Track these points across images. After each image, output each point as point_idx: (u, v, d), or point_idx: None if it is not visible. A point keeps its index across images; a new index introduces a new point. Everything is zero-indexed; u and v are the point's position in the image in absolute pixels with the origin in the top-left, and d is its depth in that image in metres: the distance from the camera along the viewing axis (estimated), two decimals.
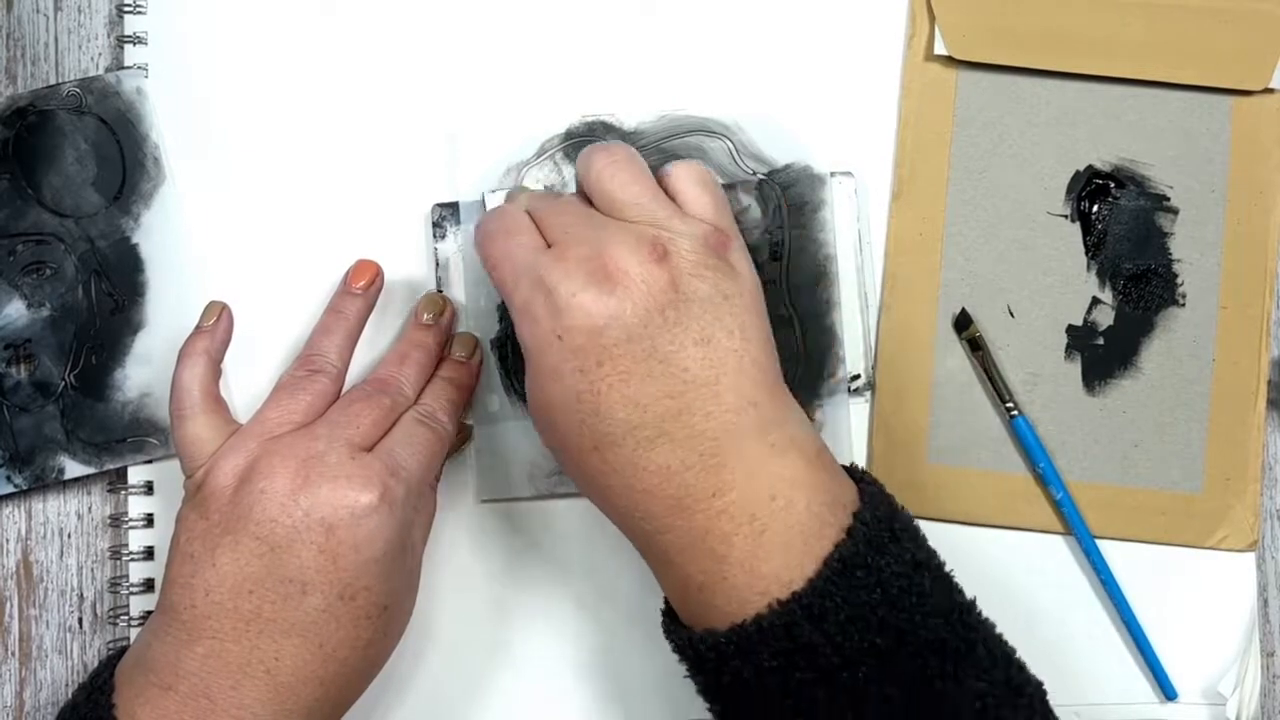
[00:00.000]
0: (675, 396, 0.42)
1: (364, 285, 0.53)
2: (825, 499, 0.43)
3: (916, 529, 0.44)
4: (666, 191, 0.47)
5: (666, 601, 0.46)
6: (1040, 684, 0.43)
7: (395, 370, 0.51)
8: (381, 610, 0.46)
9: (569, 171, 0.55)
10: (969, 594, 0.44)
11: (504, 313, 0.55)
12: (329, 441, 0.47)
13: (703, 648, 0.42)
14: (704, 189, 0.47)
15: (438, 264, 0.55)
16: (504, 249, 0.46)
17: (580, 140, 0.55)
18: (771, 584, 0.41)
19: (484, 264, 0.47)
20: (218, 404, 0.50)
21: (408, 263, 0.55)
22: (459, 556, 0.55)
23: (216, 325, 0.51)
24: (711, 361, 0.43)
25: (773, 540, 0.41)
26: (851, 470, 0.46)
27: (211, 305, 0.52)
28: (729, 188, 0.55)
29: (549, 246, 0.45)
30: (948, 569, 0.44)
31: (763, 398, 0.43)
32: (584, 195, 0.48)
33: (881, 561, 0.41)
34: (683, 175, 0.47)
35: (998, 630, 0.43)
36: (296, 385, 0.49)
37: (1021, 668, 0.43)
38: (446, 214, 0.55)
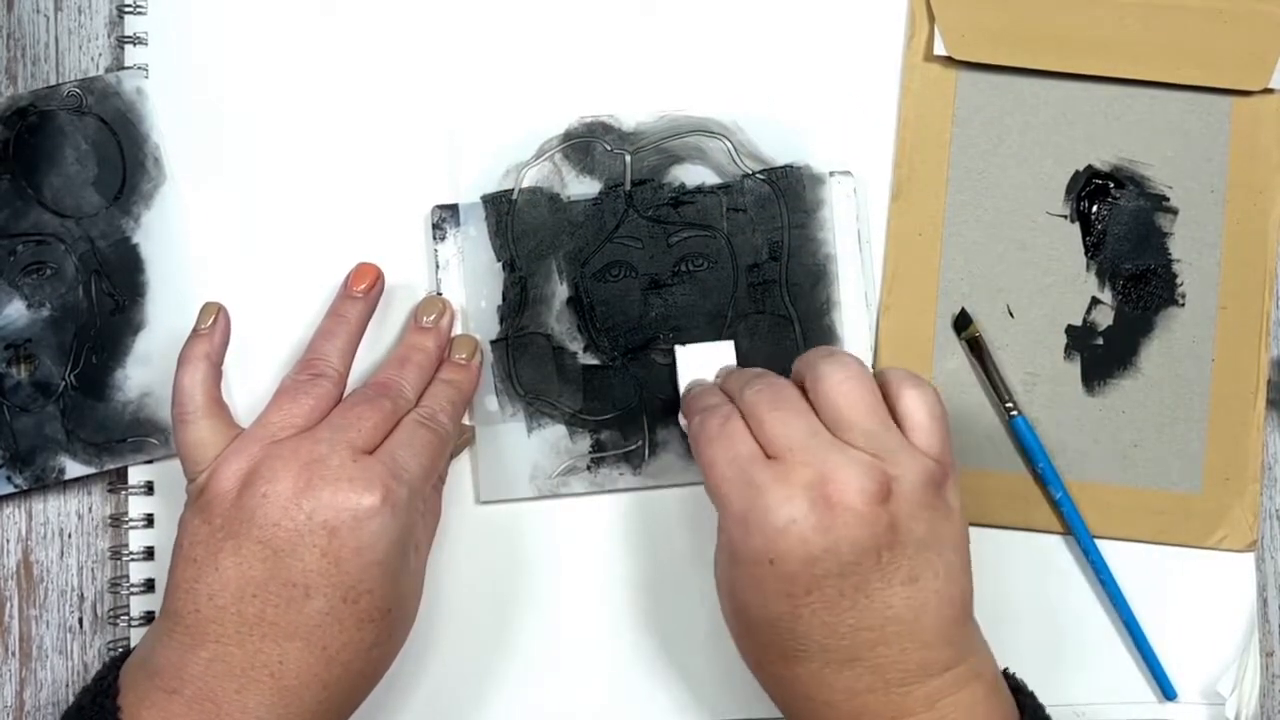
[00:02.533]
0: (874, 630, 0.43)
1: (365, 289, 0.53)
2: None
3: None
4: (889, 402, 0.46)
5: None
6: None
7: (396, 373, 0.51)
8: (385, 613, 0.46)
9: (568, 172, 0.55)
10: None
11: (504, 314, 0.55)
12: (331, 445, 0.47)
13: None
14: (935, 420, 0.46)
15: (438, 265, 0.55)
16: (722, 455, 0.45)
17: (579, 141, 0.55)
18: None
19: (699, 462, 0.46)
20: (220, 408, 0.50)
21: (408, 264, 0.55)
22: (460, 558, 0.55)
23: (214, 327, 0.51)
24: (915, 602, 0.43)
25: None
26: (1008, 677, 0.47)
27: (208, 306, 0.51)
28: (725, 188, 0.55)
29: (769, 456, 0.44)
30: None
31: (956, 634, 0.44)
32: (800, 387, 0.47)
33: None
34: (915, 402, 0.46)
35: None
36: (298, 389, 0.49)
37: None
38: (446, 215, 0.55)
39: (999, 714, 0.44)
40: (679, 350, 0.54)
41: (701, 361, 0.54)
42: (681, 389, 0.53)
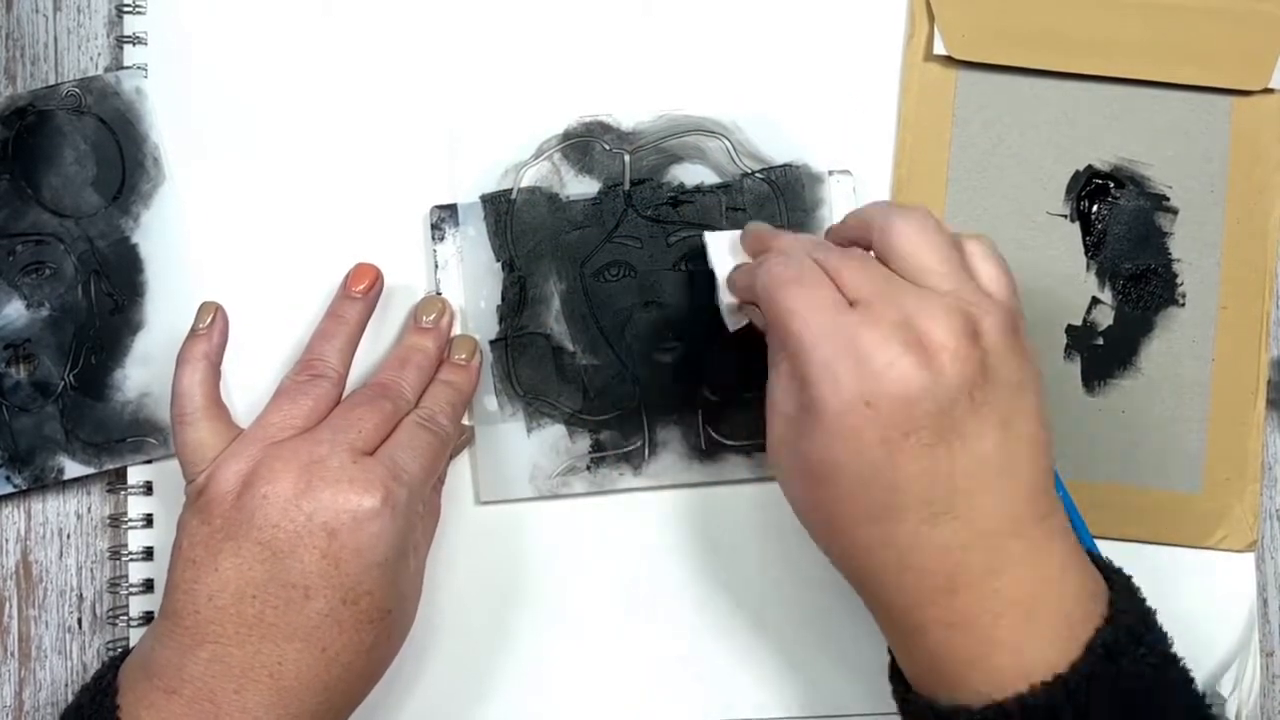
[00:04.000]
0: (972, 476, 0.41)
1: (364, 289, 0.53)
2: (1090, 585, 0.43)
3: (1158, 622, 0.44)
4: None
5: (893, 665, 0.46)
6: None
7: (396, 374, 0.51)
8: (385, 614, 0.46)
9: (567, 172, 0.55)
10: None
11: (503, 314, 0.55)
12: (331, 446, 0.47)
13: None
14: (1001, 269, 0.45)
15: (436, 265, 0.55)
16: (804, 301, 0.43)
17: (578, 141, 0.55)
18: (1036, 665, 0.41)
19: (768, 306, 0.44)
20: (219, 408, 0.50)
21: (407, 265, 0.55)
22: (460, 558, 0.55)
23: (212, 327, 0.51)
24: (1009, 447, 0.42)
25: (1041, 623, 0.41)
26: (1093, 557, 0.46)
27: (205, 306, 0.51)
28: (725, 187, 0.55)
29: (851, 304, 0.43)
30: (1184, 663, 0.44)
31: (1047, 484, 0.43)
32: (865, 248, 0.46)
33: (1139, 652, 0.41)
34: (980, 252, 0.45)
35: None
36: (298, 390, 0.49)
37: None
38: (445, 215, 0.55)
39: (1089, 575, 0.43)
40: (709, 236, 0.52)
41: (731, 246, 0.52)
42: (719, 272, 0.51)
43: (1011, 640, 0.41)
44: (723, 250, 0.51)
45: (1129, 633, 0.42)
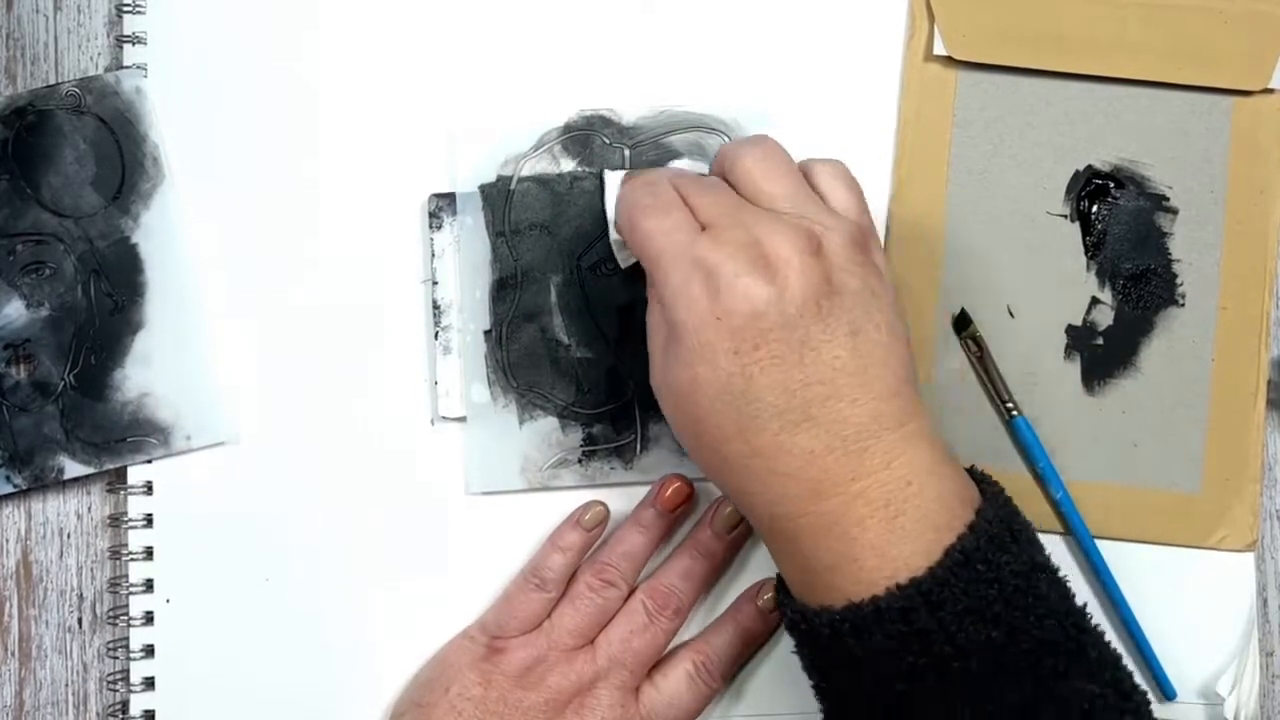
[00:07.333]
0: (825, 383, 0.43)
1: (670, 509, 0.54)
2: (954, 490, 0.44)
3: (1034, 533, 0.46)
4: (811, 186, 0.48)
5: (780, 578, 0.47)
6: (1145, 692, 0.44)
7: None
8: None
9: (566, 164, 0.55)
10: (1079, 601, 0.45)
11: (495, 305, 0.55)
12: (609, 687, 0.52)
13: (818, 623, 0.43)
14: (849, 188, 0.48)
15: (433, 254, 0.55)
16: (659, 225, 0.46)
17: (578, 134, 0.55)
18: (898, 568, 0.42)
19: (629, 234, 0.47)
20: (559, 591, 0.53)
21: (403, 253, 0.55)
22: (447, 550, 0.55)
23: (597, 533, 0.54)
24: (861, 352, 0.44)
25: (904, 526, 0.43)
26: (971, 471, 0.47)
27: (598, 511, 0.54)
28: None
29: (703, 228, 0.45)
30: (1061, 574, 0.45)
31: (904, 390, 0.45)
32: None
33: (1001, 559, 0.43)
34: (828, 172, 0.48)
35: (1106, 636, 0.45)
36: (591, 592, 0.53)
37: (1129, 674, 0.44)
38: (443, 204, 0.55)
39: (955, 481, 0.44)
40: (608, 175, 0.53)
41: None
42: (609, 209, 0.51)
43: (876, 543, 0.43)
44: (618, 188, 0.52)
45: (992, 540, 0.43)
